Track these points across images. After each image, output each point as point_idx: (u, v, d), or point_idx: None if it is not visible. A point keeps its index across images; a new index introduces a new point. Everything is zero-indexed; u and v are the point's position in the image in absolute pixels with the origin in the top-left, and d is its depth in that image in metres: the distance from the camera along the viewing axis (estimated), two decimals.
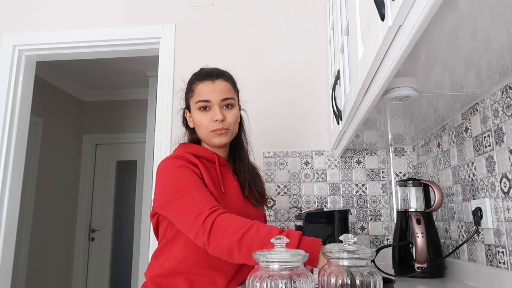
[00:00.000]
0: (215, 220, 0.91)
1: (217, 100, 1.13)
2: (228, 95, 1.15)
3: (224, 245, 0.90)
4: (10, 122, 2.18)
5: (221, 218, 0.91)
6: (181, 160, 1.08)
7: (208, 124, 1.13)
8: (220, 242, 0.90)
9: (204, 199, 0.97)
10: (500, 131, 1.02)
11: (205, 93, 1.13)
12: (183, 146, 1.18)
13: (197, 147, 1.17)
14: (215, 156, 1.16)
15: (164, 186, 1.03)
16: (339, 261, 0.73)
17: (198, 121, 1.14)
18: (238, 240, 0.88)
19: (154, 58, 2.30)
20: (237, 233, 0.88)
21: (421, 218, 1.31)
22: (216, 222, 0.91)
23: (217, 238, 0.90)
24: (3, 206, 2.10)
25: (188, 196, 0.98)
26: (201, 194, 0.99)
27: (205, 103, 1.13)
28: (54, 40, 2.24)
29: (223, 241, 0.89)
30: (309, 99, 2.02)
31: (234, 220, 0.91)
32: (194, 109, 1.16)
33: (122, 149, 4.75)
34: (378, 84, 0.89)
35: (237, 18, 2.15)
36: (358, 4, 0.99)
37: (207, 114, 1.13)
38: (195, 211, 0.94)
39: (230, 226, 0.89)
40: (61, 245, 4.26)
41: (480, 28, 0.69)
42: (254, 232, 0.88)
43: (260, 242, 0.87)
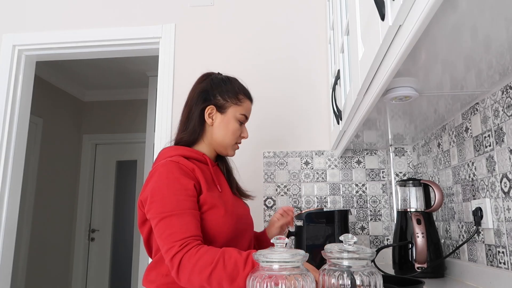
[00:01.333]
0: (183, 258, 0.93)
1: (248, 121, 1.26)
2: None
3: (195, 283, 0.92)
4: (10, 122, 2.18)
5: (188, 255, 0.93)
6: (175, 167, 1.05)
7: (238, 136, 1.22)
8: (190, 280, 0.92)
9: (180, 229, 0.97)
10: (501, 131, 1.02)
11: (248, 112, 1.24)
12: (173, 149, 1.15)
13: (187, 149, 1.16)
14: (206, 158, 1.17)
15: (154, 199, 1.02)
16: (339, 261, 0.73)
17: (234, 130, 1.19)
18: (206, 278, 0.90)
19: (154, 58, 2.30)
20: (205, 272, 0.90)
21: (421, 218, 1.31)
22: (183, 261, 0.93)
23: (186, 276, 0.92)
24: (3, 206, 2.10)
25: (168, 222, 0.98)
26: (181, 220, 0.98)
27: (245, 120, 1.23)
28: (54, 40, 2.23)
29: (193, 279, 0.92)
30: (309, 99, 2.02)
31: (201, 256, 0.92)
32: (233, 117, 1.19)
33: (122, 149, 4.74)
34: (378, 84, 0.89)
35: (237, 18, 2.15)
36: (358, 4, 0.99)
37: (240, 128, 1.22)
38: (167, 243, 0.96)
39: (197, 264, 0.91)
40: (61, 245, 4.26)
41: (480, 28, 0.69)
42: (221, 269, 0.90)
43: (228, 278, 0.89)
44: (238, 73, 1.31)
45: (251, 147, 1.99)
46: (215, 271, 0.90)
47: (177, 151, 1.14)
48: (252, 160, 1.97)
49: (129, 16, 2.23)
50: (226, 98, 1.20)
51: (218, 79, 1.24)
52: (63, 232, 4.31)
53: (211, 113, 1.19)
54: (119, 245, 4.57)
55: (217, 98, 1.20)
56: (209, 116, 1.19)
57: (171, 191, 1.01)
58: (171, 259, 0.94)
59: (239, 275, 0.88)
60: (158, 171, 1.05)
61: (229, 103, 1.20)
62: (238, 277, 0.88)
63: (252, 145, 1.99)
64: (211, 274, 0.90)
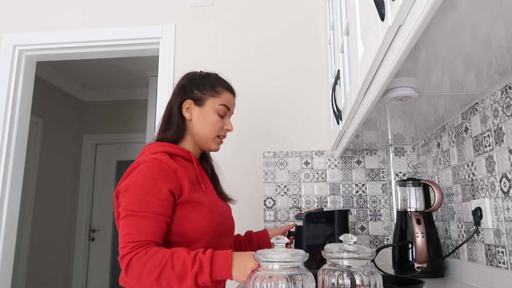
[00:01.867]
0: (131, 260, 0.93)
1: (231, 113, 1.24)
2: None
3: (145, 284, 0.93)
4: (10, 122, 2.18)
5: (137, 257, 0.93)
6: (156, 168, 1.02)
7: (219, 129, 1.19)
8: (139, 281, 0.93)
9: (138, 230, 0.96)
10: (500, 131, 1.02)
11: (230, 103, 1.21)
12: (158, 145, 1.13)
13: (173, 146, 1.14)
14: (191, 156, 1.16)
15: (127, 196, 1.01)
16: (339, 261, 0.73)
17: (213, 122, 1.17)
18: (155, 279, 0.91)
19: (154, 58, 2.30)
20: (154, 273, 0.91)
21: (421, 218, 1.31)
22: (132, 262, 0.93)
23: (135, 277, 0.93)
24: (3, 206, 2.10)
25: (131, 221, 0.98)
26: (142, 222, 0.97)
27: (226, 111, 1.20)
28: (54, 40, 2.24)
29: (142, 280, 0.92)
30: (309, 99, 2.02)
31: (150, 257, 0.92)
32: (211, 109, 1.17)
33: (122, 149, 4.74)
34: (378, 84, 0.89)
35: (237, 18, 2.15)
36: (358, 4, 0.99)
37: (221, 120, 1.19)
38: (122, 241, 0.97)
39: (146, 265, 0.91)
40: (61, 245, 4.26)
41: (480, 28, 0.69)
42: (169, 270, 0.90)
43: (178, 278, 0.90)
44: (238, 73, 1.31)
45: (251, 147, 1.99)
46: (163, 271, 0.90)
47: (162, 147, 1.12)
48: (252, 160, 1.97)
49: (129, 16, 2.23)
50: (203, 91, 1.18)
51: (196, 75, 1.24)
52: (63, 232, 4.31)
53: (189, 107, 1.18)
54: None
55: (194, 92, 1.19)
56: (187, 110, 1.18)
57: (143, 191, 0.99)
58: (121, 258, 0.95)
59: (188, 275, 0.89)
60: (139, 167, 1.04)
61: (206, 95, 1.18)
62: (186, 276, 0.89)
63: (252, 145, 1.99)
64: (160, 275, 0.90)
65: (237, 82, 2.06)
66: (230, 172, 1.96)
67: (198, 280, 0.90)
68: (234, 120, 2.02)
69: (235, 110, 1.83)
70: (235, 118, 2.02)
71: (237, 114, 2.03)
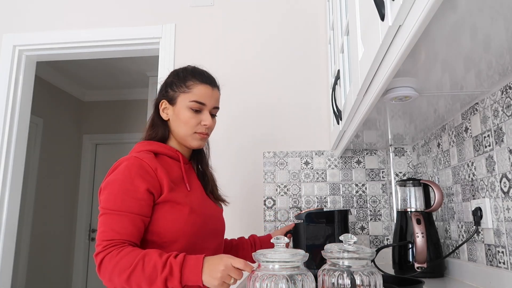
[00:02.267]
0: (104, 258, 0.94)
1: (211, 106, 1.17)
2: (218, 105, 1.21)
3: (115, 283, 0.93)
4: (10, 122, 2.18)
5: (109, 256, 0.93)
6: (135, 167, 1.03)
7: (195, 125, 1.15)
8: (110, 280, 0.93)
9: (114, 229, 0.97)
10: (500, 131, 1.02)
11: (203, 96, 1.15)
12: (145, 144, 1.15)
13: (160, 145, 1.15)
14: (179, 155, 1.16)
15: (106, 194, 1.02)
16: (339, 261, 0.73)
17: (185, 119, 1.14)
18: (125, 280, 0.90)
19: (154, 58, 2.30)
20: (124, 274, 0.90)
21: (421, 218, 1.31)
22: (104, 261, 0.93)
23: (107, 276, 0.93)
24: (3, 206, 2.10)
25: (108, 218, 0.98)
26: (119, 219, 0.98)
27: (200, 106, 1.15)
28: (54, 40, 2.24)
29: (113, 280, 0.92)
30: (309, 99, 2.02)
31: (121, 257, 0.92)
32: (183, 106, 1.14)
33: (122, 149, 4.74)
34: (378, 84, 0.89)
35: (237, 18, 2.15)
36: (358, 4, 0.99)
37: (196, 116, 1.14)
38: (98, 239, 0.97)
39: (117, 266, 0.91)
40: (61, 245, 4.26)
41: (480, 28, 0.69)
42: (139, 272, 0.90)
43: (147, 281, 0.89)
44: (238, 73, 1.31)
45: (251, 147, 1.99)
46: (134, 273, 0.90)
47: (149, 146, 1.13)
48: (252, 160, 1.97)
49: (129, 16, 2.23)
50: (174, 89, 1.17)
51: (173, 72, 1.22)
52: (63, 232, 4.31)
53: (165, 108, 1.18)
54: None
55: (168, 91, 1.18)
56: (163, 111, 1.18)
57: (120, 190, 1.00)
58: (95, 256, 0.95)
59: (157, 278, 0.89)
60: (120, 166, 1.06)
61: (177, 93, 1.16)
62: (156, 280, 0.89)
63: (252, 145, 1.99)
64: (130, 276, 0.90)
65: (237, 82, 2.07)
66: (230, 172, 1.96)
67: (168, 284, 0.89)
68: (234, 120, 2.02)
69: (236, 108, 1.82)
70: (235, 118, 2.02)
71: (237, 114, 2.03)
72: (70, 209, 4.43)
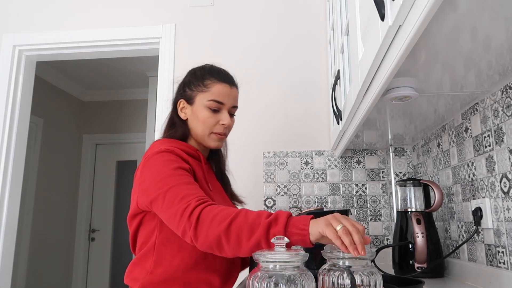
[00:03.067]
0: (202, 212, 0.86)
1: (229, 105, 1.15)
2: (237, 104, 1.19)
3: (212, 237, 0.84)
4: (10, 122, 2.18)
5: (207, 209, 0.86)
6: (171, 154, 1.03)
7: (213, 125, 1.13)
8: (207, 235, 0.84)
9: (191, 192, 0.92)
10: (500, 131, 1.02)
11: (222, 95, 1.13)
12: (166, 142, 1.12)
13: (181, 143, 1.13)
14: (200, 154, 1.15)
15: (152, 180, 0.98)
16: (339, 261, 0.73)
17: (203, 119, 1.12)
18: (225, 229, 0.82)
19: (154, 58, 2.30)
20: (224, 222, 0.83)
21: (421, 218, 1.31)
22: (202, 214, 0.86)
23: (204, 230, 0.85)
24: (3, 206, 2.10)
25: (176, 190, 0.93)
26: (190, 187, 0.94)
27: (219, 105, 1.13)
28: (54, 40, 2.24)
29: (210, 232, 0.84)
30: (309, 99, 2.02)
31: (222, 209, 0.86)
32: (201, 105, 1.12)
33: (122, 149, 4.74)
34: (378, 84, 0.89)
35: (237, 18, 2.15)
36: (358, 4, 0.99)
37: (215, 115, 1.13)
38: (182, 205, 0.89)
39: (217, 216, 0.84)
40: (61, 245, 4.26)
41: (480, 28, 0.69)
42: (242, 219, 0.83)
43: (249, 228, 0.81)
44: (238, 73, 1.30)
45: (251, 147, 1.99)
46: (236, 220, 0.83)
47: (171, 143, 1.10)
48: (252, 160, 1.97)
49: (129, 16, 2.23)
50: (192, 88, 1.15)
51: (191, 71, 1.21)
52: (63, 232, 4.31)
53: (183, 107, 1.17)
54: (119, 245, 4.57)
55: (185, 90, 1.17)
56: (181, 110, 1.17)
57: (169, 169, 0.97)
58: (189, 216, 0.86)
59: (261, 224, 0.81)
60: (152, 158, 1.02)
61: (195, 92, 1.14)
62: (259, 226, 0.81)
63: (252, 145, 1.99)
64: (231, 223, 0.82)
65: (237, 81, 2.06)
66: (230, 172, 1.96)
67: (270, 231, 0.80)
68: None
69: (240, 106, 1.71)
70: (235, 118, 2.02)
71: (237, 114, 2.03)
72: (70, 209, 4.43)
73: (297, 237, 0.79)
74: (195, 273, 1.03)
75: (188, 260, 1.03)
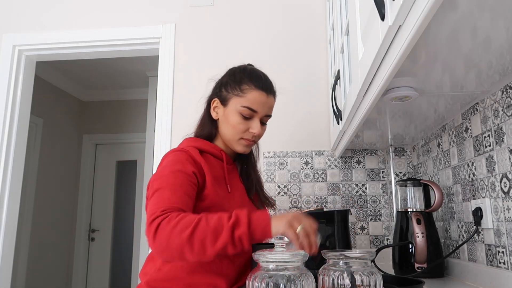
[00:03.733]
0: (161, 223, 0.86)
1: (262, 114, 1.12)
2: (271, 113, 1.17)
3: (173, 247, 0.84)
4: (10, 122, 2.18)
5: (166, 220, 0.86)
6: (184, 155, 1.04)
7: (242, 131, 1.11)
8: (168, 245, 0.84)
9: (168, 198, 0.92)
10: (500, 131, 1.02)
11: (256, 104, 1.10)
12: (192, 141, 1.14)
13: (206, 143, 1.14)
14: (223, 154, 1.14)
15: (153, 179, 1.01)
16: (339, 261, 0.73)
17: (233, 123, 1.10)
18: (187, 238, 0.82)
19: (154, 58, 2.30)
20: (186, 231, 0.82)
21: (421, 218, 1.31)
22: (161, 225, 0.85)
23: (164, 240, 0.84)
24: (3, 206, 2.10)
25: (160, 193, 0.94)
26: (174, 191, 0.95)
27: (251, 113, 1.10)
28: (54, 40, 2.24)
29: (172, 242, 0.83)
30: (309, 99, 2.02)
31: (181, 218, 0.85)
32: (234, 109, 1.10)
33: (122, 149, 4.74)
34: (378, 84, 0.89)
35: (237, 18, 2.15)
36: (358, 4, 0.99)
37: (245, 122, 1.11)
38: (151, 210, 0.91)
39: (176, 226, 0.84)
40: (61, 245, 4.26)
41: (480, 28, 0.69)
42: (204, 225, 0.82)
43: (213, 233, 0.82)
44: None
45: None
46: (197, 228, 0.83)
47: (195, 143, 1.12)
48: None
49: (129, 16, 2.23)
50: (228, 89, 1.13)
51: (231, 70, 1.19)
52: (63, 232, 4.31)
53: (216, 107, 1.16)
54: (119, 245, 4.57)
55: (222, 90, 1.15)
56: (214, 109, 1.16)
57: (171, 171, 0.99)
58: (150, 223, 0.88)
59: (224, 228, 0.82)
60: (167, 157, 1.06)
61: (231, 94, 1.12)
62: (222, 230, 0.82)
63: None
64: (193, 232, 0.82)
65: None
66: None
67: (235, 233, 0.81)
68: None
69: None
70: None
71: None
72: (70, 209, 4.43)
73: (260, 235, 0.83)
74: (199, 275, 1.03)
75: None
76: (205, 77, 1.23)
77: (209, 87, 1.23)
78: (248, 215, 0.84)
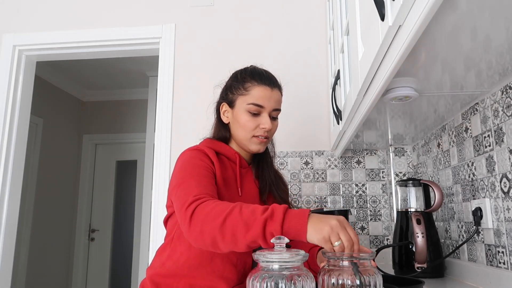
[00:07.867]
0: (196, 208, 0.85)
1: (270, 109, 1.12)
2: (279, 107, 1.16)
3: (206, 234, 0.82)
4: (10, 122, 2.18)
5: (202, 205, 0.85)
6: (200, 152, 1.07)
7: (253, 129, 1.11)
8: (202, 231, 0.82)
9: (197, 186, 0.93)
10: (500, 131, 1.02)
11: (262, 99, 1.11)
12: (208, 142, 1.16)
13: (221, 144, 1.15)
14: (237, 156, 1.14)
15: (175, 175, 1.03)
16: (339, 261, 0.73)
17: (243, 122, 1.11)
18: (219, 226, 0.80)
19: (154, 58, 2.30)
20: (218, 218, 0.80)
21: (421, 218, 1.31)
22: (197, 210, 0.85)
23: (198, 228, 0.83)
24: (3, 206, 2.10)
25: (186, 183, 0.95)
26: (200, 181, 0.95)
27: (259, 109, 1.11)
28: (54, 40, 2.24)
29: (205, 228, 0.82)
30: (309, 99, 2.02)
31: (216, 205, 0.84)
32: (242, 109, 1.11)
33: (122, 149, 4.74)
34: (378, 84, 0.89)
35: (237, 18, 2.15)
36: (358, 4, 0.99)
37: (255, 119, 1.11)
38: (183, 198, 0.90)
39: (211, 212, 0.82)
40: (61, 245, 4.26)
41: (480, 28, 0.69)
42: (236, 214, 0.80)
43: (244, 224, 0.78)
44: None
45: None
46: (230, 216, 0.80)
47: (211, 144, 1.14)
48: None
49: (129, 16, 2.23)
50: (233, 91, 1.14)
51: (234, 73, 1.21)
52: (63, 232, 4.31)
53: (225, 110, 1.17)
54: (119, 245, 4.57)
55: (227, 94, 1.17)
56: (224, 113, 1.18)
57: (190, 164, 1.02)
58: (185, 210, 0.86)
59: (256, 221, 0.77)
60: (184, 155, 1.08)
61: (236, 95, 1.13)
62: (254, 223, 0.78)
63: None
64: (225, 219, 0.80)
65: None
66: None
67: (266, 229, 0.77)
68: None
69: None
70: None
71: None
72: (70, 209, 4.43)
73: (293, 237, 0.78)
74: (199, 276, 1.03)
75: (193, 261, 1.03)
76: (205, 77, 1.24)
77: (216, 93, 1.25)
78: (285, 212, 0.79)
